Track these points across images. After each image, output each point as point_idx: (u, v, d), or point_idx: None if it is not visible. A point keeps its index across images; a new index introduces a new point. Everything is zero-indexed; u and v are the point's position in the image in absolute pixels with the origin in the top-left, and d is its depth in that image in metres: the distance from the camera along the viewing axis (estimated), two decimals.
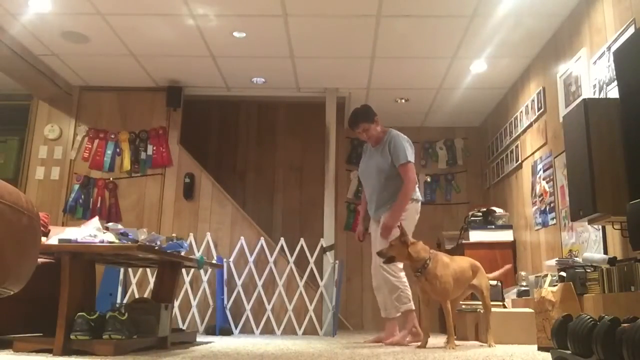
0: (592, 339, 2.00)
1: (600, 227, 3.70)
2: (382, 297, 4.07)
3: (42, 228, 2.74)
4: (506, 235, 5.41)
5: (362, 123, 4.13)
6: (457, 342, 3.53)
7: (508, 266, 4.14)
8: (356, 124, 4.16)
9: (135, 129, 5.87)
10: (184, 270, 4.95)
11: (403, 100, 6.23)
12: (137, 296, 5.17)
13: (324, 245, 5.46)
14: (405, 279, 3.99)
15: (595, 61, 3.81)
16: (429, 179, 6.94)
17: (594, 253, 3.63)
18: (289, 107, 7.01)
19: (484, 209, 5.60)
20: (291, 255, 5.34)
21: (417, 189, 4.11)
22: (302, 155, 6.94)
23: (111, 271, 5.16)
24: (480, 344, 3.85)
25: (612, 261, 3.05)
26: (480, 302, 3.84)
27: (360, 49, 5.02)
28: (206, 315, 5.23)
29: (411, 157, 4.04)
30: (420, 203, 4.13)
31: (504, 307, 4.27)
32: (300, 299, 5.26)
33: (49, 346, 2.69)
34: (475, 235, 5.39)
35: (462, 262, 3.64)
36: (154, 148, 5.80)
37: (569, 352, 2.24)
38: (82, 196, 5.68)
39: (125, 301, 5.18)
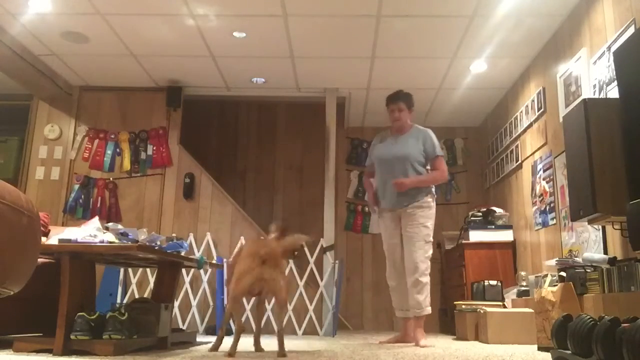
0: (592, 339, 2.00)
1: (600, 227, 3.70)
2: (401, 296, 4.01)
3: (42, 228, 2.74)
4: (506, 235, 5.40)
5: (402, 102, 4.13)
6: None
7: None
8: (397, 100, 4.14)
9: (135, 129, 5.87)
10: (184, 270, 4.95)
11: None
12: (137, 296, 5.17)
13: (324, 245, 5.45)
14: None
15: (595, 61, 3.81)
16: None
17: (594, 253, 3.63)
18: (289, 107, 7.01)
19: (484, 209, 5.59)
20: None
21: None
22: (302, 155, 6.94)
23: (111, 271, 5.16)
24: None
25: (612, 261, 3.05)
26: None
27: (360, 49, 5.02)
28: (206, 315, 5.23)
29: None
30: None
31: (504, 307, 4.26)
32: (300, 299, 5.26)
33: (49, 346, 2.69)
34: (475, 235, 5.38)
35: None
36: (154, 148, 5.80)
37: (569, 352, 2.24)
38: (82, 196, 5.68)
39: (125, 301, 5.18)
